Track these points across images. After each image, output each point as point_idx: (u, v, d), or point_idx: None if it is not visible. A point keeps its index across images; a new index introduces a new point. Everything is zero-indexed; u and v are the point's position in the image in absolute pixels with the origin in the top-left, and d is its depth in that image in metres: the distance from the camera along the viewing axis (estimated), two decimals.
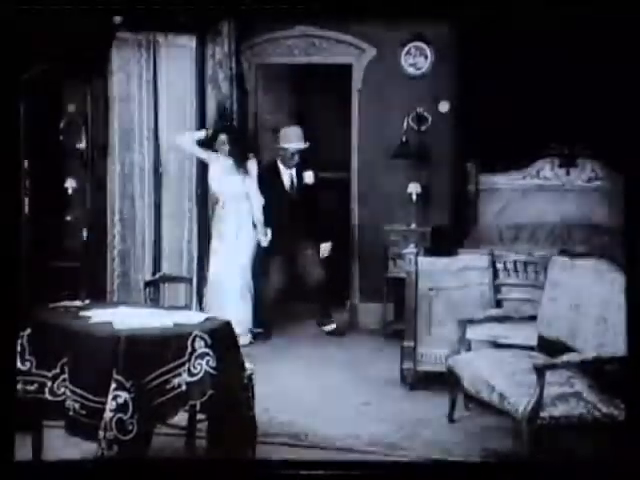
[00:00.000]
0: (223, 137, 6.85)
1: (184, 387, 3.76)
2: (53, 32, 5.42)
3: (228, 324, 4.06)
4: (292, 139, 7.03)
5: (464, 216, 7.17)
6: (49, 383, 3.86)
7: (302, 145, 7.04)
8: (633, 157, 3.73)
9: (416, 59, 7.42)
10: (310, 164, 7.15)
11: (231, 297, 6.76)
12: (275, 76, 7.95)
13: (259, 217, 6.90)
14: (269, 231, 6.92)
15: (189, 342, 3.79)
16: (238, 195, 6.86)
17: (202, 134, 6.88)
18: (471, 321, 5.04)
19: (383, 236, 7.24)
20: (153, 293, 5.22)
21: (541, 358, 4.40)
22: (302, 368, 6.14)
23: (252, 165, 6.97)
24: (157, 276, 5.80)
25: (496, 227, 6.85)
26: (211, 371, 3.79)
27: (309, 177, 7.10)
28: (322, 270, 7.07)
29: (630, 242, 3.73)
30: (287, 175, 7.10)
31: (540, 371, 3.99)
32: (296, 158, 7.05)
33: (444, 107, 7.36)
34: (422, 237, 7.06)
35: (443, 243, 6.60)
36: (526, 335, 5.01)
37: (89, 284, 6.31)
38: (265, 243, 6.92)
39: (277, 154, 7.13)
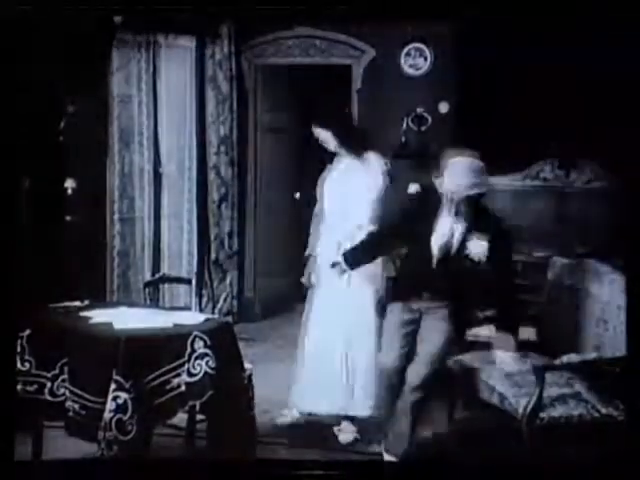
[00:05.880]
0: (324, 134, 4.68)
1: (184, 387, 3.76)
2: (53, 32, 5.42)
3: (228, 324, 4.07)
4: (463, 176, 4.25)
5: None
6: (48, 384, 3.86)
7: (480, 188, 4.25)
8: (633, 158, 3.74)
9: (416, 60, 7.42)
10: (487, 224, 4.28)
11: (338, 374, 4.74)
12: (275, 77, 7.95)
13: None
14: (345, 270, 4.52)
15: (189, 342, 3.80)
16: (347, 214, 4.68)
17: None
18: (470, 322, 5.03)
19: None
20: (153, 293, 5.22)
21: (540, 359, 4.39)
22: None
23: (375, 162, 4.82)
24: (157, 276, 5.80)
25: None
26: (211, 372, 3.80)
27: (478, 248, 4.23)
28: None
29: (630, 243, 3.73)
30: (446, 228, 4.30)
31: (539, 372, 3.99)
32: (470, 207, 4.27)
33: (444, 108, 7.36)
34: None
35: None
36: (525, 336, 5.00)
37: (89, 284, 6.30)
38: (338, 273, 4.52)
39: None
